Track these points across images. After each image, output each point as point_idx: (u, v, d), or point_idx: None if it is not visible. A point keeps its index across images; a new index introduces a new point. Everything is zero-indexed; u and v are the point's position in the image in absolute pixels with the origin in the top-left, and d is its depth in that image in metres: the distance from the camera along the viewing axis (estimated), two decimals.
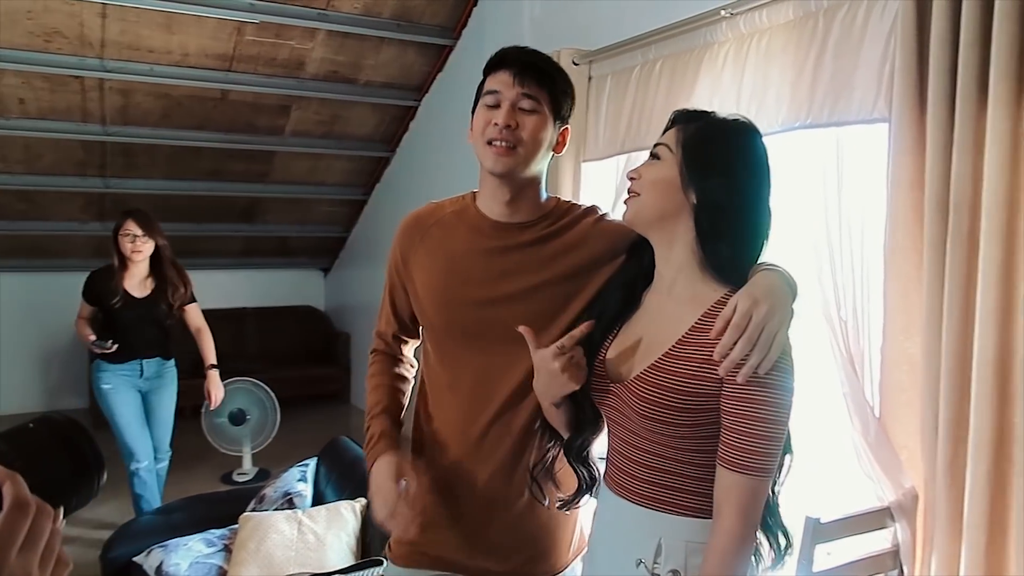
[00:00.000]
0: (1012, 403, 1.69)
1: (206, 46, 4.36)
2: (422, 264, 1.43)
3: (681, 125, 1.22)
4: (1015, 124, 1.68)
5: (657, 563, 1.16)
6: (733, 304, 1.10)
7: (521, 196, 1.39)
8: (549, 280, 1.36)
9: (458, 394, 1.42)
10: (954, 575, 1.77)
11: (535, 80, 1.33)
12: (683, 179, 1.17)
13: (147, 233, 3.45)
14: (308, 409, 5.92)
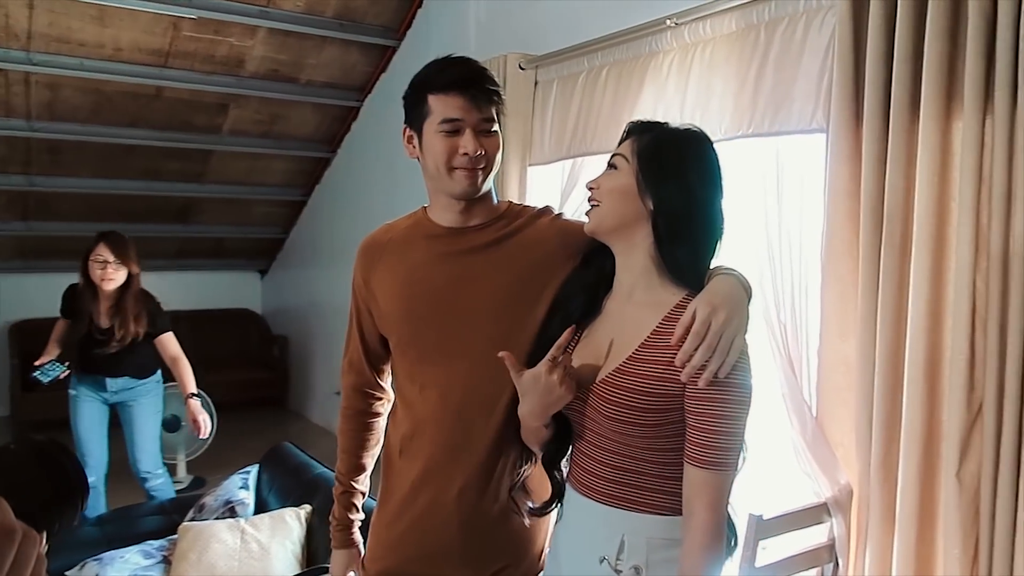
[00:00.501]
0: (940, 402, 1.78)
1: (140, 41, 4.23)
2: (383, 281, 1.44)
3: (636, 136, 1.26)
4: (944, 137, 1.77)
5: (620, 559, 1.18)
6: (692, 311, 1.13)
7: (475, 203, 1.40)
8: (511, 280, 1.37)
9: (428, 405, 1.41)
10: (887, 566, 1.85)
11: (488, 101, 1.34)
12: (640, 187, 1.20)
13: (120, 260, 3.22)
14: (245, 415, 5.79)
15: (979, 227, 1.70)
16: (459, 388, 1.38)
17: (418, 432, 1.43)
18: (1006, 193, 1.65)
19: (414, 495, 1.43)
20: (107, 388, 3.39)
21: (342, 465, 1.59)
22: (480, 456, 1.38)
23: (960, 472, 1.70)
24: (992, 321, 1.66)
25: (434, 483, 1.41)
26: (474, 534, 1.40)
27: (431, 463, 1.41)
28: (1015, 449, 1.61)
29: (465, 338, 1.37)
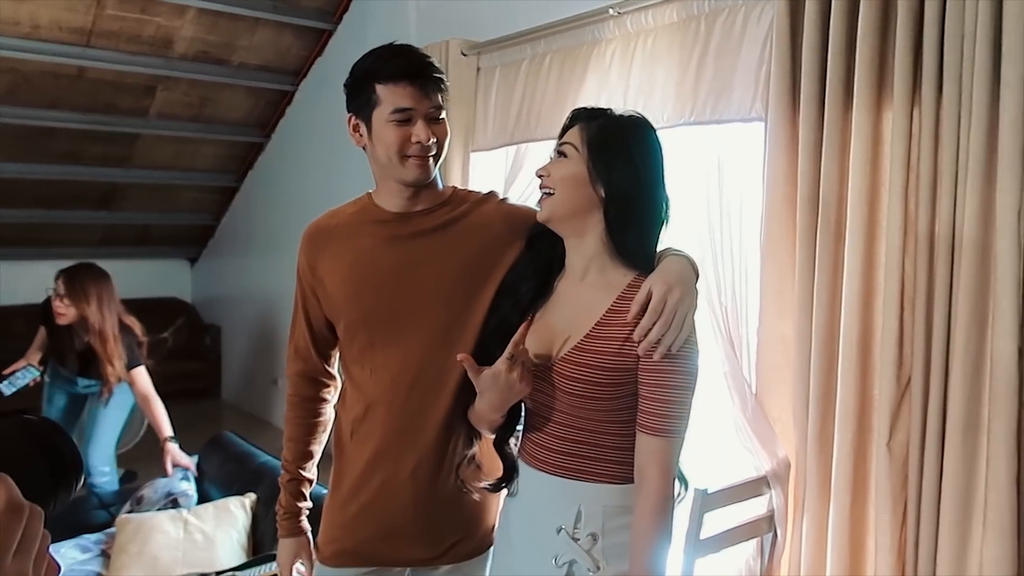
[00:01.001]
0: (872, 377, 1.89)
1: (60, 18, 4.04)
2: (330, 267, 1.45)
3: (583, 123, 1.29)
4: (875, 126, 1.87)
5: (577, 528, 1.24)
6: (647, 289, 1.19)
7: (422, 189, 1.42)
8: (459, 264, 1.39)
9: (379, 388, 1.42)
10: (823, 534, 1.95)
11: (436, 89, 1.36)
12: (591, 174, 1.24)
13: (70, 298, 3.07)
14: (176, 406, 5.59)
15: (907, 212, 1.80)
16: (410, 370, 1.40)
17: (369, 414, 1.44)
18: (932, 180, 1.75)
19: (367, 476, 1.44)
20: (77, 383, 3.35)
21: (289, 453, 1.58)
22: (432, 436, 1.41)
23: (890, 442, 1.80)
24: (919, 301, 1.77)
25: (387, 463, 1.42)
26: (428, 511, 1.43)
27: (383, 444, 1.42)
28: (940, 420, 1.72)
29: (415, 321, 1.39)
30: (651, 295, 1.18)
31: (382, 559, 1.47)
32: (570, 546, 1.24)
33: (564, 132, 1.32)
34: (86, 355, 3.20)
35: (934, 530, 1.74)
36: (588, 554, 1.23)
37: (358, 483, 1.46)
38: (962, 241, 1.69)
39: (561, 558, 1.24)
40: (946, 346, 1.73)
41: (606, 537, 1.24)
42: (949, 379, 1.72)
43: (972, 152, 1.66)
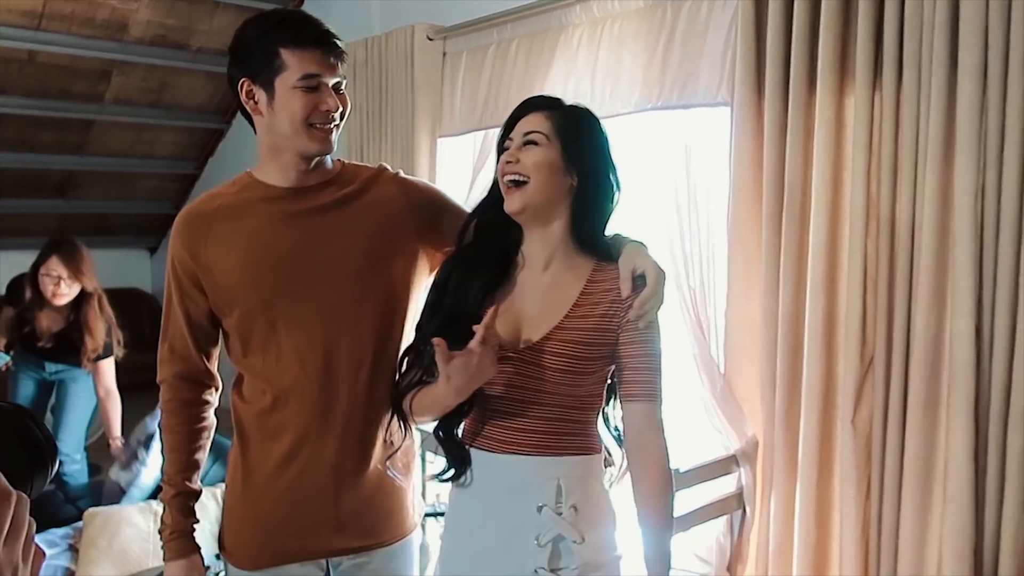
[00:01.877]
0: (836, 358, 1.94)
1: (8, 1, 3.91)
2: (217, 253, 1.34)
3: (544, 112, 1.29)
4: (838, 110, 1.91)
5: (559, 503, 1.25)
6: (631, 269, 1.26)
7: (316, 163, 1.36)
8: (361, 240, 1.34)
9: (289, 375, 1.35)
10: (790, 509, 2.01)
11: (341, 58, 1.31)
12: (564, 161, 1.25)
13: (73, 275, 2.95)
14: (139, 398, 5.51)
15: (870, 195, 1.84)
16: (320, 354, 1.33)
17: (280, 404, 1.36)
18: (893, 163, 1.80)
19: (282, 469, 1.36)
20: (44, 368, 3.23)
21: (172, 466, 1.42)
22: (352, 419, 1.35)
23: (854, 419, 1.86)
24: (882, 282, 1.82)
25: (305, 453, 1.35)
26: (354, 500, 1.38)
27: (300, 433, 1.35)
28: (901, 396, 1.78)
29: (320, 301, 1.33)
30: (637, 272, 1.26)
31: (307, 553, 1.40)
32: (555, 521, 1.25)
33: (514, 121, 1.30)
34: (61, 336, 3.08)
35: (896, 503, 1.80)
36: (573, 527, 1.25)
37: (271, 477, 1.37)
38: (922, 223, 1.74)
39: (544, 536, 1.25)
40: (907, 326, 1.78)
41: (587, 506, 1.27)
42: (910, 358, 1.77)
43: (931, 136, 1.70)
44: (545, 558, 1.24)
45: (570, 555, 1.25)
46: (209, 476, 2.60)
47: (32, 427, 0.59)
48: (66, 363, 3.20)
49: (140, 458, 2.60)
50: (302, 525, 1.38)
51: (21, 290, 3.08)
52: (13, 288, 3.16)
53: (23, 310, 3.06)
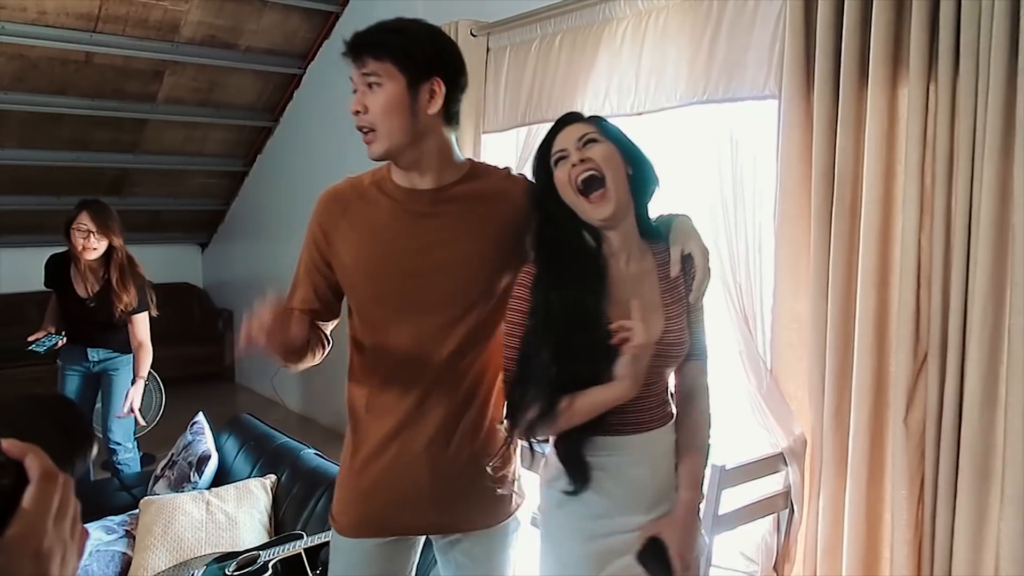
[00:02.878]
0: (888, 355, 1.90)
1: (67, 5, 4.03)
2: (347, 238, 1.41)
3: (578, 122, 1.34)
4: (890, 103, 1.87)
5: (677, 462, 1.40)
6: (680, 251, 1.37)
7: (420, 164, 1.38)
8: (480, 245, 1.38)
9: (393, 364, 1.43)
10: (839, 509, 1.97)
11: (370, 56, 1.31)
12: (622, 155, 1.31)
13: (101, 231, 3.16)
14: (190, 389, 5.66)
15: (923, 189, 1.80)
16: (425, 350, 1.39)
17: (385, 390, 1.45)
18: (948, 156, 1.75)
19: (383, 448, 1.45)
20: (88, 358, 3.37)
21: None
22: (447, 411, 1.41)
23: (907, 419, 1.82)
24: (936, 277, 1.77)
25: (403, 436, 1.43)
26: (443, 481, 1.44)
27: (399, 419, 1.43)
28: (957, 396, 1.73)
29: (431, 303, 1.38)
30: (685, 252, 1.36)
31: (399, 527, 1.49)
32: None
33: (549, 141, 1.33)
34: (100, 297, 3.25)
35: (951, 505, 1.75)
36: None
37: (374, 454, 1.46)
38: (979, 217, 1.69)
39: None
40: (963, 322, 1.73)
41: None
42: (966, 355, 1.72)
43: (989, 127, 1.65)
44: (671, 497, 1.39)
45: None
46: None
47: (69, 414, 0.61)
48: (110, 347, 3.36)
49: (192, 480, 2.65)
50: (398, 501, 1.46)
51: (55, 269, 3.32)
52: (49, 268, 3.36)
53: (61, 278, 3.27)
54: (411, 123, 1.33)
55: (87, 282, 3.27)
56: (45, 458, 0.52)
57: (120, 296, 3.20)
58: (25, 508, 0.50)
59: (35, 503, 0.50)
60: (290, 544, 2.15)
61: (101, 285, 3.25)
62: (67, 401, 0.62)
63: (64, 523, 0.53)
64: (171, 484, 2.69)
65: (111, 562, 2.32)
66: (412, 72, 1.31)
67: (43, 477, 0.51)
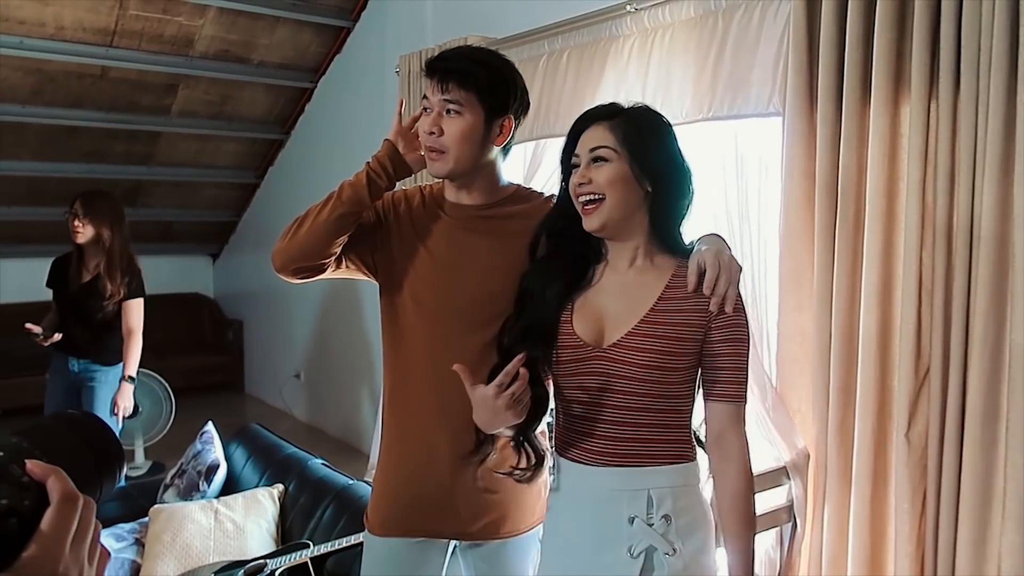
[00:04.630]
0: (892, 370, 1.91)
1: (84, 19, 4.11)
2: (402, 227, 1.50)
3: (604, 123, 1.30)
4: (893, 120, 1.89)
5: (650, 514, 1.26)
6: (698, 260, 1.28)
7: (472, 184, 1.47)
8: (510, 263, 1.43)
9: (415, 361, 1.49)
10: (844, 523, 1.98)
11: (457, 83, 1.38)
12: (635, 171, 1.28)
13: (86, 215, 3.28)
14: (200, 399, 5.72)
15: (925, 205, 1.81)
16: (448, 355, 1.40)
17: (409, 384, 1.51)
18: (949, 173, 1.77)
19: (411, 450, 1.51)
20: (70, 368, 3.42)
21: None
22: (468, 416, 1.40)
23: (909, 432, 1.83)
24: (938, 293, 1.78)
25: (430, 439, 1.48)
26: (469, 490, 1.48)
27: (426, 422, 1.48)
28: (959, 410, 1.74)
29: (459, 312, 1.45)
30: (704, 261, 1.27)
31: (424, 530, 1.53)
32: (646, 533, 1.25)
33: (576, 135, 1.33)
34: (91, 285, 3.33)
35: (953, 519, 1.76)
36: (664, 538, 1.25)
37: (402, 456, 1.53)
38: (980, 233, 1.70)
39: (637, 548, 1.25)
40: (964, 337, 1.74)
41: (678, 517, 1.27)
42: (967, 370, 1.74)
43: (990, 145, 1.67)
44: (637, 569, 1.25)
45: (663, 566, 1.25)
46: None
47: (102, 433, 0.62)
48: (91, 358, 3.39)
49: (201, 489, 2.68)
50: (424, 504, 1.51)
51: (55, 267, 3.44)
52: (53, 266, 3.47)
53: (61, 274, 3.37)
54: (479, 152, 1.42)
55: (81, 272, 3.36)
56: (66, 481, 0.53)
57: (107, 283, 3.28)
58: (43, 530, 0.50)
59: (53, 525, 0.51)
60: (297, 553, 2.18)
61: (93, 276, 3.34)
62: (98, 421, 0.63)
63: (82, 546, 0.53)
64: (180, 493, 2.72)
65: (121, 569, 2.36)
66: (491, 107, 1.41)
67: (63, 500, 0.52)
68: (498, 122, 1.43)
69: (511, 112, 1.44)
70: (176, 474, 2.83)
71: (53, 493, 0.52)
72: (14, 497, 0.50)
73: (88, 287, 3.33)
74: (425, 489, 1.50)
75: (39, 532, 0.50)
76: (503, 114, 1.43)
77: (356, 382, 4.91)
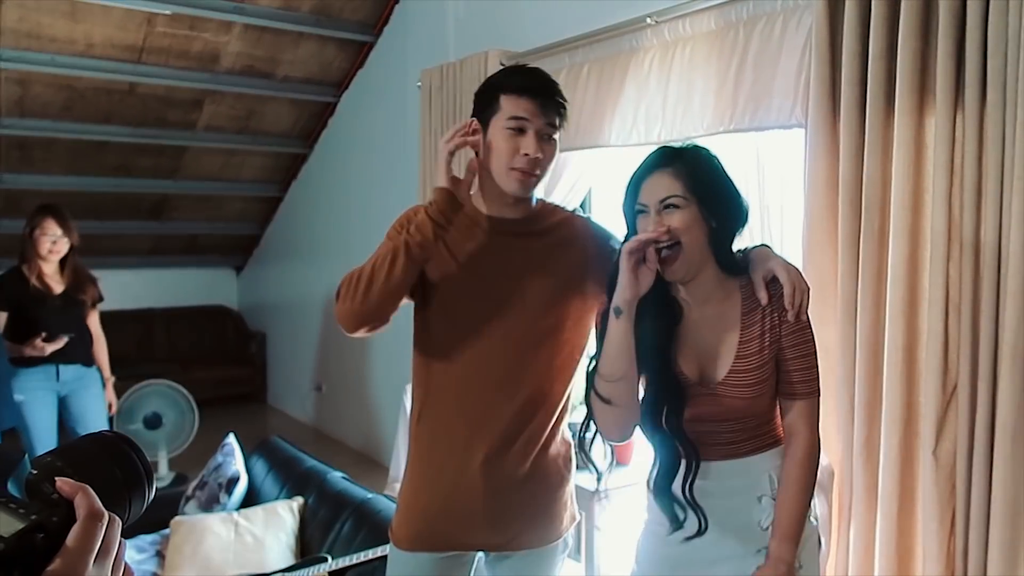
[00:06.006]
0: (918, 385, 1.87)
1: (113, 36, 4.20)
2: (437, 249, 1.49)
3: (670, 170, 1.35)
4: (917, 131, 1.86)
5: (772, 490, 1.43)
6: (763, 275, 1.39)
7: (523, 200, 1.52)
8: (545, 278, 1.47)
9: (448, 378, 1.50)
10: (870, 541, 1.94)
11: (555, 110, 1.44)
12: (704, 215, 1.35)
13: (66, 233, 3.36)
14: (223, 411, 5.76)
15: (951, 218, 1.78)
16: (481, 371, 1.47)
17: (438, 400, 1.52)
18: (976, 185, 1.73)
19: (438, 464, 1.52)
20: (59, 377, 3.40)
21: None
22: (505, 434, 1.47)
23: (936, 450, 1.79)
24: (965, 307, 1.75)
25: (459, 454, 1.49)
26: (497, 499, 1.50)
27: (455, 437, 1.50)
28: (988, 426, 1.70)
29: (493, 326, 1.47)
30: (770, 274, 1.38)
31: (453, 543, 1.54)
32: (773, 506, 1.41)
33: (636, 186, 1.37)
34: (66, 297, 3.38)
35: (984, 539, 1.71)
36: None
37: (430, 471, 1.53)
38: (1008, 246, 1.66)
39: (765, 521, 1.41)
40: (994, 352, 1.70)
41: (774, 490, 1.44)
42: (997, 386, 1.69)
43: (1018, 156, 1.64)
44: (766, 540, 1.40)
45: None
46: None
47: (132, 454, 0.62)
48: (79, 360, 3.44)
49: (222, 502, 2.70)
50: (453, 518, 1.53)
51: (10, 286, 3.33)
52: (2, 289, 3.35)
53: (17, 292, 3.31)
54: None
55: (54, 285, 3.38)
56: (94, 498, 0.54)
57: (87, 289, 3.42)
58: (68, 545, 0.52)
59: (78, 541, 0.53)
60: (316, 567, 2.18)
61: (66, 284, 3.40)
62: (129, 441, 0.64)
63: (106, 562, 0.55)
64: (201, 505, 2.73)
65: None
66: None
67: (89, 516, 0.53)
68: None
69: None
70: (197, 486, 2.84)
71: (80, 510, 0.53)
72: (43, 513, 0.52)
73: (68, 296, 3.40)
74: (458, 503, 1.51)
75: (64, 547, 0.52)
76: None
77: (377, 395, 4.92)
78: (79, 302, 3.43)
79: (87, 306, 3.46)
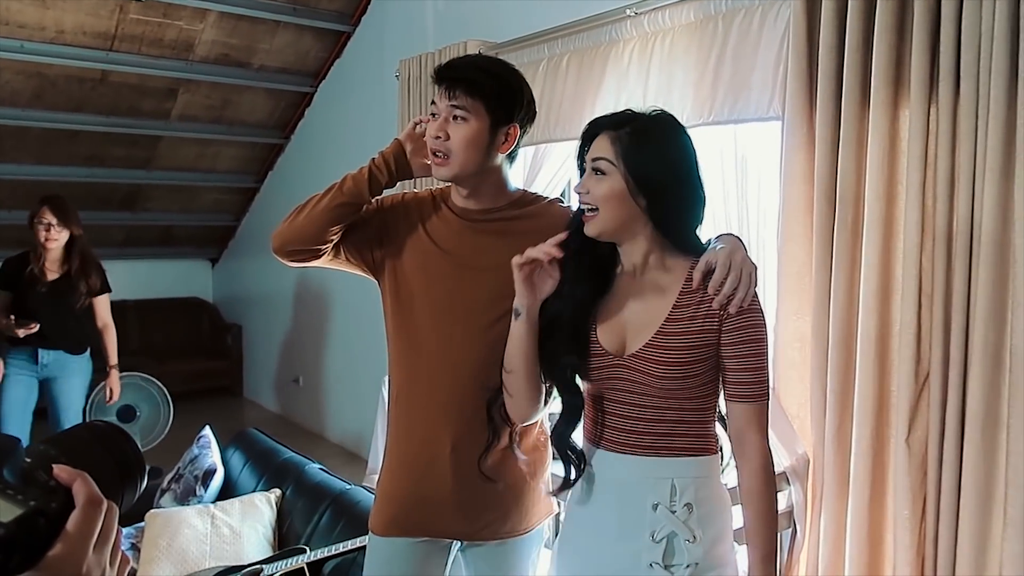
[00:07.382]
0: (890, 375, 1.90)
1: (84, 23, 4.12)
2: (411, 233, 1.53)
3: (610, 133, 1.31)
4: (892, 124, 1.88)
5: (673, 501, 1.30)
6: (707, 260, 1.28)
7: (479, 191, 1.49)
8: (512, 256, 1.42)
9: (418, 362, 1.51)
10: (841, 529, 1.97)
11: (465, 91, 1.41)
12: (631, 189, 1.28)
13: (62, 223, 3.41)
14: (199, 404, 5.71)
15: (925, 209, 1.81)
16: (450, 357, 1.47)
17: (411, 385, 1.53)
18: (949, 177, 1.76)
19: (412, 450, 1.53)
20: (39, 361, 3.48)
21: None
22: (469, 417, 1.46)
23: (908, 438, 1.82)
24: (937, 297, 1.78)
25: (430, 440, 1.49)
26: (467, 488, 1.49)
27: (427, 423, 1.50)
28: (958, 416, 1.73)
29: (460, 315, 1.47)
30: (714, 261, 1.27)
31: (426, 530, 1.54)
32: (669, 519, 1.29)
33: (587, 141, 1.34)
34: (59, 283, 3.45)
35: (953, 526, 1.75)
36: (686, 524, 1.29)
37: (404, 457, 1.54)
38: (980, 238, 1.70)
39: (659, 533, 1.29)
40: (964, 343, 1.74)
41: (700, 506, 1.31)
42: (968, 375, 1.73)
43: (990, 149, 1.67)
44: (659, 553, 1.29)
45: (683, 552, 1.29)
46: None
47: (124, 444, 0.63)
48: (63, 347, 3.50)
49: (198, 494, 2.68)
50: (424, 505, 1.53)
51: (12, 268, 3.48)
52: (5, 269, 3.52)
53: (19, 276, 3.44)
54: (483, 158, 1.44)
55: (49, 273, 3.46)
56: (92, 485, 0.55)
57: (84, 280, 3.46)
58: (68, 531, 0.53)
59: (78, 527, 0.53)
60: (294, 558, 2.17)
61: (62, 274, 3.47)
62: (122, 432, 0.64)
63: (105, 549, 0.55)
64: (177, 497, 2.70)
65: None
66: (497, 116, 1.43)
67: (88, 503, 0.54)
68: (503, 130, 1.45)
69: (516, 121, 1.46)
70: (173, 479, 2.81)
71: (79, 496, 0.54)
72: (42, 499, 0.52)
73: (59, 284, 3.45)
74: (428, 489, 1.51)
75: (65, 532, 0.53)
76: (508, 122, 1.45)
77: (355, 387, 4.90)
78: (71, 291, 3.45)
79: (81, 295, 3.47)
